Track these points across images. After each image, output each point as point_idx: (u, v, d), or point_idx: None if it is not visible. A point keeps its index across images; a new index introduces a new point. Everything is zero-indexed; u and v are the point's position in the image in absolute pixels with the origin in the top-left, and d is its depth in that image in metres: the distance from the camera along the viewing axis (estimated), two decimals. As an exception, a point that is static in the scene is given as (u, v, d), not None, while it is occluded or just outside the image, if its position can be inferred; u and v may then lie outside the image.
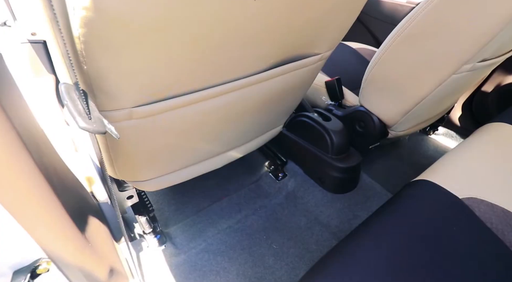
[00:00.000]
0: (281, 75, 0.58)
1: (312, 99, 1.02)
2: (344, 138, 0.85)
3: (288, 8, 0.40)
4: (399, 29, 0.67)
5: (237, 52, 0.43)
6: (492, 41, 0.58)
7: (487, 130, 0.65)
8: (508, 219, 0.44)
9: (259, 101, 0.61)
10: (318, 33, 0.53)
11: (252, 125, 0.68)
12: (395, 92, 0.75)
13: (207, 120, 0.54)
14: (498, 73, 1.06)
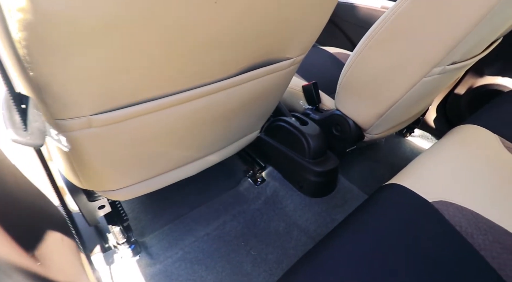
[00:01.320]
0: (253, 80, 0.57)
1: (290, 103, 1.02)
2: (321, 142, 0.85)
3: (254, 12, 0.39)
4: (371, 33, 0.68)
5: (203, 56, 0.41)
6: (460, 45, 0.59)
7: (457, 133, 0.66)
8: (477, 221, 0.45)
9: (231, 106, 0.59)
10: (289, 38, 0.53)
11: (227, 131, 0.67)
12: (369, 96, 0.75)
13: (177, 126, 0.52)
14: (469, 76, 1.09)
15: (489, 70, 1.04)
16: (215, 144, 0.68)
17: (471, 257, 0.40)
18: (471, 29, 0.55)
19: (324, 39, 1.48)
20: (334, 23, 1.38)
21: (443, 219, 0.45)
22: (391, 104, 0.73)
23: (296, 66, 0.65)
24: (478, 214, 0.46)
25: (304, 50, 0.61)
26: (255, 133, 0.81)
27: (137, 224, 0.75)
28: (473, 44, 0.65)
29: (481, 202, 0.48)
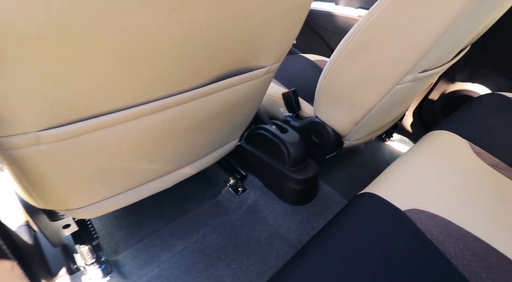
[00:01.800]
0: (226, 89, 0.56)
1: (271, 111, 1.02)
2: (301, 149, 0.85)
3: (217, 21, 0.38)
4: (345, 42, 0.69)
5: (166, 66, 0.40)
6: (430, 53, 0.60)
7: (429, 139, 0.67)
8: (448, 229, 0.45)
9: (205, 117, 0.58)
10: (260, 47, 0.53)
11: (202, 142, 0.65)
12: (345, 104, 0.76)
13: (144, 140, 0.51)
14: (442, 82, 1.13)
15: (460, 76, 1.08)
16: (190, 156, 0.66)
17: (442, 266, 0.40)
18: (439, 37, 0.57)
19: (305, 47, 1.50)
20: (314, 31, 1.40)
21: (415, 227, 0.45)
22: (367, 111, 0.74)
23: (272, 74, 0.65)
24: (449, 221, 0.47)
25: (278, 58, 0.61)
26: (234, 143, 0.80)
27: (110, 240, 0.72)
28: (442, 52, 0.67)
29: (452, 208, 0.49)
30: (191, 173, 0.72)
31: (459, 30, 0.60)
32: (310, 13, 1.35)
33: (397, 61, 0.64)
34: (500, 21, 0.81)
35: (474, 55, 1.04)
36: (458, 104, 1.09)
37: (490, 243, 0.45)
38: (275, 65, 0.62)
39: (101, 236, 0.72)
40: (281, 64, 1.16)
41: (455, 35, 0.61)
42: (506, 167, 0.62)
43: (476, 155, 0.63)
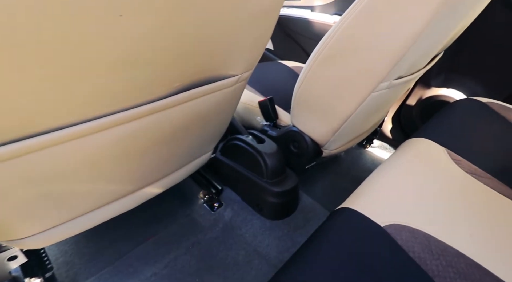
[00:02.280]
0: (193, 100, 0.52)
1: (247, 120, 0.98)
2: (279, 160, 0.82)
3: (172, 28, 0.34)
4: (318, 49, 0.66)
5: (121, 75, 0.36)
6: (403, 59, 0.59)
7: (408, 147, 0.65)
8: (430, 244, 0.42)
9: (172, 129, 0.54)
10: (228, 54, 0.49)
11: (170, 157, 0.60)
12: (322, 112, 0.73)
13: (102, 157, 0.45)
14: (418, 88, 1.13)
15: (435, 82, 1.09)
16: (157, 173, 0.61)
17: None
18: (412, 43, 0.55)
19: (283, 53, 1.48)
20: (291, 37, 1.38)
21: (396, 245, 0.42)
22: (344, 119, 0.71)
23: (244, 83, 0.62)
24: (430, 236, 0.44)
25: (249, 66, 0.58)
26: (207, 156, 0.76)
27: (69, 270, 0.65)
28: (416, 59, 0.66)
29: (433, 222, 0.46)
30: (160, 190, 0.67)
31: (432, 36, 0.59)
32: (287, 20, 1.33)
33: (371, 68, 0.62)
34: (470, 28, 0.81)
35: (448, 61, 1.05)
36: (435, 110, 1.09)
37: (473, 258, 0.42)
38: (247, 73, 0.59)
39: (58, 265, 0.65)
40: (258, 72, 1.15)
41: (428, 41, 0.60)
42: (484, 174, 0.60)
43: (454, 162, 0.61)
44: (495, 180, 0.59)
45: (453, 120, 0.76)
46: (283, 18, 1.35)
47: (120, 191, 0.58)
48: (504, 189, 0.58)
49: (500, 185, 0.58)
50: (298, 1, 1.30)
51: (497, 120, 0.79)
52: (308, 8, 1.27)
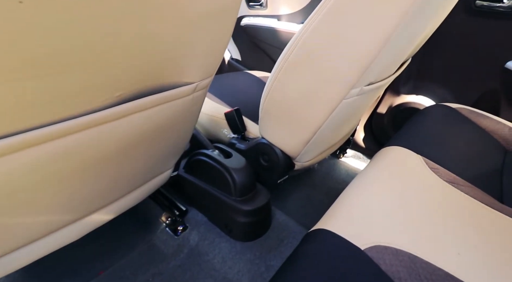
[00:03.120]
0: (143, 111, 0.44)
1: (214, 133, 0.91)
2: (248, 176, 0.75)
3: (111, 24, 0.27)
4: (284, 56, 0.62)
5: (46, 82, 0.28)
6: (374, 65, 0.56)
7: (383, 157, 0.62)
8: (416, 267, 0.37)
9: (118, 145, 0.45)
10: (180, 59, 0.43)
11: (119, 177, 0.52)
12: (291, 122, 0.68)
13: (22, 183, 0.36)
14: (388, 95, 1.13)
15: (404, 89, 1.09)
16: (103, 197, 0.52)
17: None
18: (381, 47, 0.52)
19: (251, 63, 1.44)
20: (259, 47, 1.35)
21: (379, 271, 0.36)
22: (315, 129, 0.67)
23: (203, 92, 0.55)
24: (416, 257, 0.38)
25: (207, 73, 0.51)
26: (167, 174, 0.67)
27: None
28: (386, 64, 0.63)
29: (417, 240, 0.41)
30: (110, 217, 0.57)
31: (401, 40, 0.57)
32: (254, 29, 1.30)
33: (341, 74, 0.58)
34: (435, 34, 0.81)
35: (416, 68, 1.05)
36: (405, 117, 1.09)
37: (463, 279, 0.38)
38: (205, 81, 0.52)
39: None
40: (225, 82, 1.09)
41: (397, 45, 0.57)
42: (464, 182, 0.57)
43: (432, 171, 0.57)
44: (475, 189, 0.56)
45: (425, 127, 0.74)
46: (250, 27, 1.31)
47: (58, 221, 0.48)
48: (485, 197, 0.55)
49: (481, 194, 0.55)
50: (265, 10, 1.27)
51: (468, 126, 0.78)
52: (275, 17, 1.25)
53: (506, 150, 0.75)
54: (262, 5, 1.27)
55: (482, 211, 0.50)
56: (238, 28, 1.38)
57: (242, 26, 1.34)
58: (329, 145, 0.85)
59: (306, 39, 0.57)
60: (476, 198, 0.53)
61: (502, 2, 0.85)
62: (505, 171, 0.66)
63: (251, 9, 1.31)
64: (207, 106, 0.90)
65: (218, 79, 1.08)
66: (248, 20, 1.32)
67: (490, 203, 0.53)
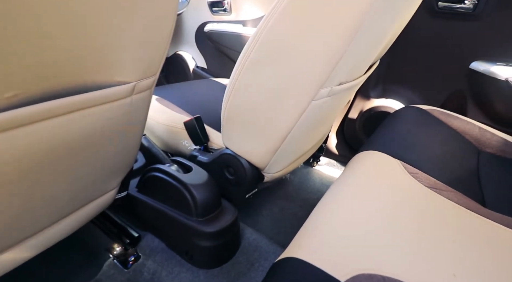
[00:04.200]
0: (54, 118, 0.34)
1: (173, 145, 0.81)
2: (210, 192, 0.65)
3: None
4: (244, 55, 0.55)
5: None
6: (342, 62, 0.50)
7: (359, 163, 0.55)
8: (408, 299, 0.30)
9: (23, 161, 0.35)
10: (104, 49, 0.34)
11: (34, 204, 0.40)
12: (257, 129, 0.60)
13: None
14: (359, 99, 1.09)
15: (374, 93, 1.07)
16: (16, 230, 0.40)
17: None
18: (349, 42, 0.47)
19: (217, 71, 1.37)
20: (225, 53, 1.28)
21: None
22: (284, 136, 0.59)
23: (147, 95, 0.46)
24: (408, 285, 0.31)
25: (147, 72, 0.42)
26: (110, 195, 0.56)
27: None
28: (355, 63, 0.58)
29: (406, 261, 0.34)
30: (30, 254, 0.45)
31: (367, 37, 0.53)
32: (219, 35, 1.23)
33: (307, 73, 0.52)
34: (400, 37, 0.79)
35: (384, 71, 1.03)
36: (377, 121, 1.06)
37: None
38: (146, 82, 0.43)
39: None
40: (186, 90, 1.00)
41: (364, 43, 0.53)
42: (445, 187, 0.52)
43: (412, 176, 0.52)
44: (457, 193, 0.51)
45: (399, 130, 0.70)
46: (214, 33, 1.25)
47: None
48: (469, 203, 0.50)
49: (463, 199, 0.50)
50: (229, 16, 1.21)
51: (440, 127, 0.75)
52: (240, 23, 1.19)
53: (479, 150, 0.73)
54: (226, 11, 1.20)
55: (469, 219, 0.44)
56: (202, 35, 1.31)
57: (206, 32, 1.27)
58: (300, 153, 0.78)
59: (266, 36, 0.51)
60: (461, 204, 0.48)
61: (463, 3, 0.85)
62: (481, 172, 0.63)
63: (214, 15, 1.25)
64: (164, 116, 0.81)
65: (178, 88, 0.99)
66: (212, 26, 1.25)
67: (475, 209, 0.48)
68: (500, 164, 0.67)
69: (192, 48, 1.38)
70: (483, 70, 0.87)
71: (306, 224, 0.40)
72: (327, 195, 0.48)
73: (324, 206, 0.43)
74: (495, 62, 0.84)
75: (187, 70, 1.40)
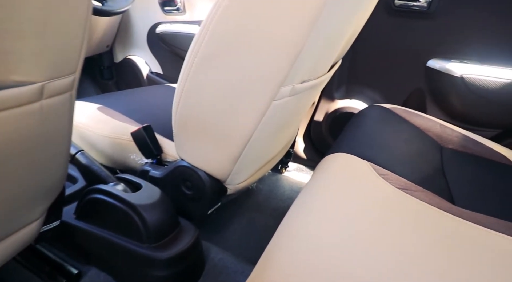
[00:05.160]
0: None
1: (120, 160, 0.71)
2: (164, 213, 0.56)
3: None
4: (193, 50, 0.48)
5: None
6: (302, 57, 0.45)
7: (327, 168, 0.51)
8: None
9: None
10: None
11: None
12: (213, 135, 0.53)
13: None
14: (323, 101, 1.07)
15: (338, 94, 1.05)
16: None
17: None
18: (307, 33, 0.43)
19: (173, 76, 1.27)
20: (181, 57, 1.19)
21: None
22: (245, 141, 0.53)
23: (64, 100, 0.36)
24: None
25: (62, 70, 0.33)
26: (33, 228, 0.45)
27: None
28: (316, 60, 0.54)
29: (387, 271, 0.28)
30: None
31: (326, 30, 0.48)
32: (173, 37, 1.14)
33: (265, 69, 0.46)
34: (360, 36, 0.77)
35: (346, 72, 1.01)
36: (342, 122, 1.03)
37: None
38: (62, 81, 0.34)
39: None
40: (135, 97, 0.89)
41: (323, 37, 0.49)
42: (415, 187, 0.49)
43: (382, 178, 0.48)
44: (427, 193, 0.48)
45: (364, 130, 0.67)
46: (167, 35, 1.15)
47: None
48: (440, 202, 0.47)
49: (434, 197, 0.48)
50: (183, 15, 1.13)
51: (404, 125, 0.74)
52: (196, 23, 1.12)
53: (441, 146, 0.73)
54: (179, 10, 1.12)
55: (443, 219, 0.42)
56: (154, 37, 1.21)
57: (158, 34, 1.18)
58: (266, 160, 0.72)
59: (217, 25, 0.44)
60: (433, 204, 0.45)
61: (418, 1, 0.85)
62: (446, 169, 0.62)
63: (167, 15, 1.16)
64: (108, 127, 0.70)
65: (125, 95, 0.88)
66: (165, 27, 1.16)
67: (447, 208, 0.45)
68: (462, 159, 0.67)
69: (145, 52, 1.27)
70: (439, 68, 0.88)
71: (275, 239, 0.33)
72: (296, 203, 0.42)
73: (293, 217, 0.37)
74: (450, 59, 0.86)
75: (140, 76, 1.29)
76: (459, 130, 0.74)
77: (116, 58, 1.35)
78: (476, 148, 0.68)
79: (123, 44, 1.32)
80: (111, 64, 1.37)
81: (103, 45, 1.27)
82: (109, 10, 0.96)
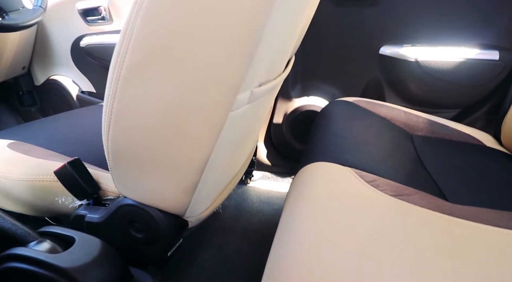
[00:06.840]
0: None
1: (45, 206, 0.56)
2: (107, 270, 0.44)
3: None
4: (115, 65, 0.37)
5: None
6: (257, 58, 0.36)
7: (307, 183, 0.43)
8: None
9: None
10: None
11: None
12: (159, 165, 0.42)
13: None
14: (281, 102, 1.00)
15: (294, 93, 0.99)
16: None
17: None
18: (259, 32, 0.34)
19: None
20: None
21: None
22: (201, 165, 0.42)
23: None
24: None
25: None
26: None
27: None
28: (272, 59, 0.46)
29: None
30: None
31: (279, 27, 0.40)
32: (100, 50, 0.99)
33: (215, 75, 0.37)
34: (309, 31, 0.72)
35: (301, 68, 0.96)
36: (303, 122, 0.98)
37: None
38: None
39: None
40: (60, 125, 0.72)
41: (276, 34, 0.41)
42: (407, 189, 0.43)
43: (371, 185, 0.41)
44: (421, 194, 0.43)
45: (335, 131, 0.61)
46: (94, 48, 1.00)
47: None
48: (435, 201, 0.42)
49: (427, 198, 0.43)
50: (110, 25, 0.99)
51: (371, 118, 0.70)
52: (127, 32, 0.98)
53: (411, 134, 0.71)
54: (105, 19, 0.98)
55: (446, 226, 0.37)
56: (79, 52, 1.04)
57: (83, 48, 1.02)
58: (228, 179, 0.63)
59: (144, 24, 0.34)
60: (430, 207, 0.40)
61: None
62: (422, 159, 0.58)
63: (91, 25, 1.00)
64: (23, 168, 0.55)
65: (49, 122, 0.72)
66: (90, 39, 1.00)
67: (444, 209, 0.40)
68: (434, 146, 0.65)
69: (71, 70, 1.09)
70: (392, 54, 0.86)
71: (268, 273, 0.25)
72: (281, 231, 0.34)
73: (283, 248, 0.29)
74: (402, 44, 0.84)
75: (69, 98, 1.11)
76: (423, 115, 0.73)
77: (36, 80, 1.15)
78: (444, 131, 0.67)
79: (42, 63, 1.12)
80: (32, 88, 1.16)
81: (18, 67, 1.07)
82: (12, 25, 0.79)
